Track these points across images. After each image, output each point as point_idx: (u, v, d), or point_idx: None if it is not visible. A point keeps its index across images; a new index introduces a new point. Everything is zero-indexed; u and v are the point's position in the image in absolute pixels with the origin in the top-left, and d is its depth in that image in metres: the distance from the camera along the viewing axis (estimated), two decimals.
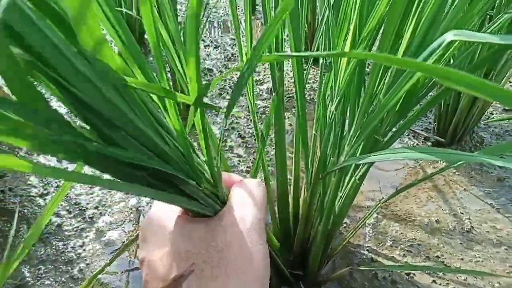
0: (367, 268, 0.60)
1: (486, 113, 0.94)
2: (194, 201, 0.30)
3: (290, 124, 0.94)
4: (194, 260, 0.31)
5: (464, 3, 0.38)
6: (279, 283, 0.57)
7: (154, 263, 0.32)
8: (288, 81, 1.11)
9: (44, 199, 0.74)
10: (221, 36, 1.39)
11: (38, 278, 0.61)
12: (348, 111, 0.49)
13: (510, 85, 1.08)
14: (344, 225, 0.69)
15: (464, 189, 0.76)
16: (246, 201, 0.34)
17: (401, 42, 0.41)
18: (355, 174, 0.48)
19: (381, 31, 0.42)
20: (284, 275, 0.55)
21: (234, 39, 1.35)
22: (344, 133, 0.50)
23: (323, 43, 0.51)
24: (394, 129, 0.46)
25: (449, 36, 0.29)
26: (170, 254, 0.32)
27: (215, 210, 0.33)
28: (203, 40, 1.34)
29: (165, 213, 0.35)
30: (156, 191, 0.25)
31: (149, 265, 0.33)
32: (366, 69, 0.49)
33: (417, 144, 0.87)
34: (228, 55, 1.25)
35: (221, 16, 1.57)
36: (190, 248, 0.31)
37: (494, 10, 0.68)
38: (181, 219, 0.33)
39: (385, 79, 0.44)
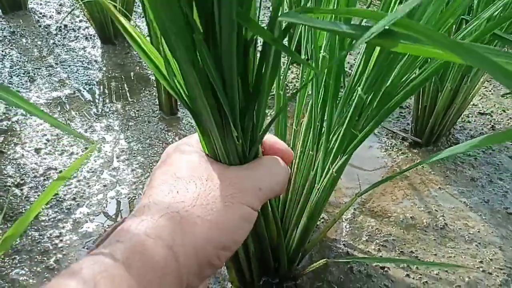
0: (342, 260, 0.61)
1: (462, 116, 0.97)
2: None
3: None
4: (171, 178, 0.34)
5: (439, 6, 0.39)
6: (260, 274, 0.58)
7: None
8: None
9: (21, 189, 0.72)
10: None
11: (13, 268, 0.60)
12: (327, 105, 0.50)
13: (485, 89, 1.11)
14: (322, 220, 0.70)
15: (439, 187, 0.78)
16: (259, 172, 0.37)
17: None
18: (332, 166, 0.48)
19: None
20: (267, 266, 0.56)
21: None
22: (323, 128, 0.51)
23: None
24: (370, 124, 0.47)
25: None
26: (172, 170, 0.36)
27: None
28: None
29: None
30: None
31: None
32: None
33: (395, 144, 0.89)
34: None
35: None
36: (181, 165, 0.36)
37: (470, 14, 0.71)
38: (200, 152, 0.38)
39: (364, 74, 0.46)
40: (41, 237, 0.65)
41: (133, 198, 0.72)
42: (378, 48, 0.43)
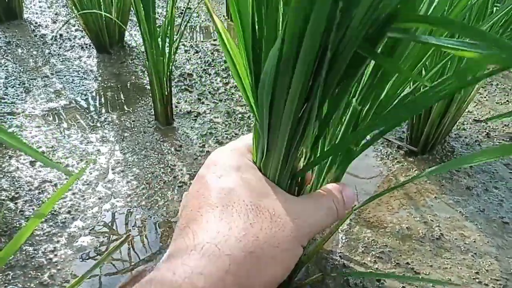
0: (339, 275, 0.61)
1: (457, 123, 0.97)
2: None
3: None
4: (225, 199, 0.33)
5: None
6: None
7: (207, 183, 0.35)
8: None
9: (15, 203, 0.72)
10: (202, 41, 1.40)
11: (6, 284, 0.59)
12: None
13: (480, 96, 1.11)
14: None
15: (435, 197, 0.78)
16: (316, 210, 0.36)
17: None
18: (327, 177, 0.49)
19: None
20: None
21: (215, 45, 1.35)
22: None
23: None
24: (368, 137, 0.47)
25: None
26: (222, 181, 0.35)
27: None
28: (183, 45, 1.34)
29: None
30: None
31: (201, 181, 0.36)
32: None
33: (390, 152, 0.89)
34: (208, 60, 1.25)
35: (202, 21, 1.57)
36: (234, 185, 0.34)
37: None
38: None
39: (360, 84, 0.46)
40: (35, 251, 0.64)
41: (129, 210, 0.72)
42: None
